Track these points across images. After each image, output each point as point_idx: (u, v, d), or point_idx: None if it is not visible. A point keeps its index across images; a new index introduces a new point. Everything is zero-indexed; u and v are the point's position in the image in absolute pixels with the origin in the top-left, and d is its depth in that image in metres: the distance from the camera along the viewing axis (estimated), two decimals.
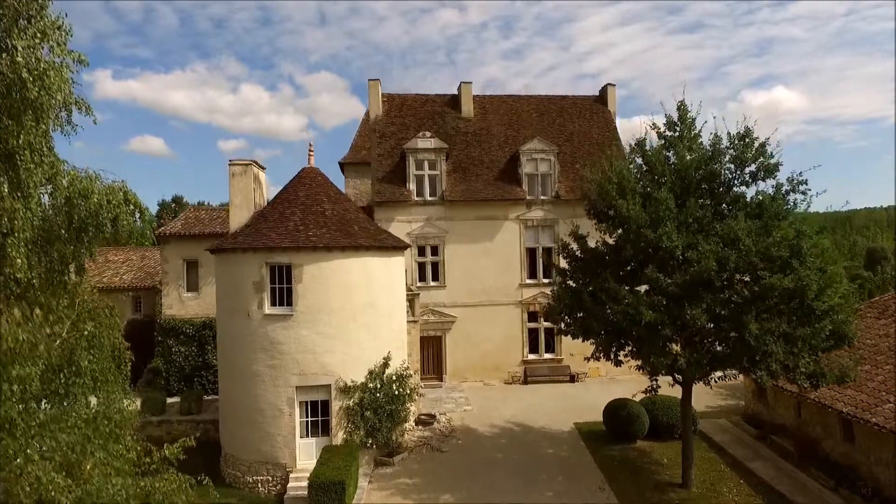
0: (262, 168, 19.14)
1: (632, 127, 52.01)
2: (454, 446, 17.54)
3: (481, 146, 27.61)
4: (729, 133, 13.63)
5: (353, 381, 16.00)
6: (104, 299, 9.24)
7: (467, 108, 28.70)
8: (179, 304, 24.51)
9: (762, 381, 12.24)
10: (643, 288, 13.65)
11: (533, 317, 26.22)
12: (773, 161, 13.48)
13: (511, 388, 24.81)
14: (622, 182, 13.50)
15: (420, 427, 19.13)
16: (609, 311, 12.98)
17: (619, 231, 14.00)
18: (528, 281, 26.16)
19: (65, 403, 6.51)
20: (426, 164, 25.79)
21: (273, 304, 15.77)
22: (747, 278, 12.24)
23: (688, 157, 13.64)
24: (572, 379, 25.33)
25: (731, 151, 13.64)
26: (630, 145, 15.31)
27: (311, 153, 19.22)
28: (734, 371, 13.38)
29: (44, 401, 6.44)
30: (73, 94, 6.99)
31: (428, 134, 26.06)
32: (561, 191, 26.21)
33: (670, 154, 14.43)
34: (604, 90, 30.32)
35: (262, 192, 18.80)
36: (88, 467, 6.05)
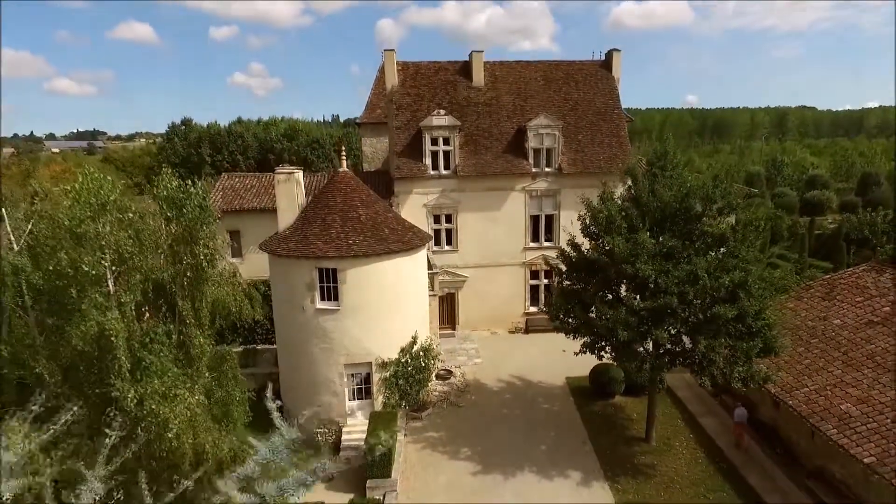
0: (301, 170, 21.76)
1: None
2: (469, 402, 21.94)
3: (491, 117, 29.61)
4: (704, 182, 16.39)
5: (388, 358, 19.96)
6: (222, 348, 12.70)
7: (478, 77, 30.29)
8: None
9: (704, 386, 16.07)
10: (623, 289, 17.14)
11: (535, 275, 29.85)
12: (736, 201, 16.33)
13: (514, 338, 29.06)
14: (610, 220, 16.42)
15: (440, 382, 23.45)
16: (594, 320, 16.54)
17: (605, 251, 17.10)
18: (532, 244, 29.47)
19: None
20: (440, 141, 28.08)
21: (322, 299, 19.30)
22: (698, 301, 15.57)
23: (667, 195, 16.42)
24: None
25: (702, 191, 16.42)
26: (623, 172, 18.05)
27: (343, 157, 21.80)
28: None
29: None
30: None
31: (442, 112, 28.06)
32: (563, 164, 28.67)
33: (655, 183, 17.19)
34: (609, 55, 31.60)
35: (302, 191, 21.52)
36: None
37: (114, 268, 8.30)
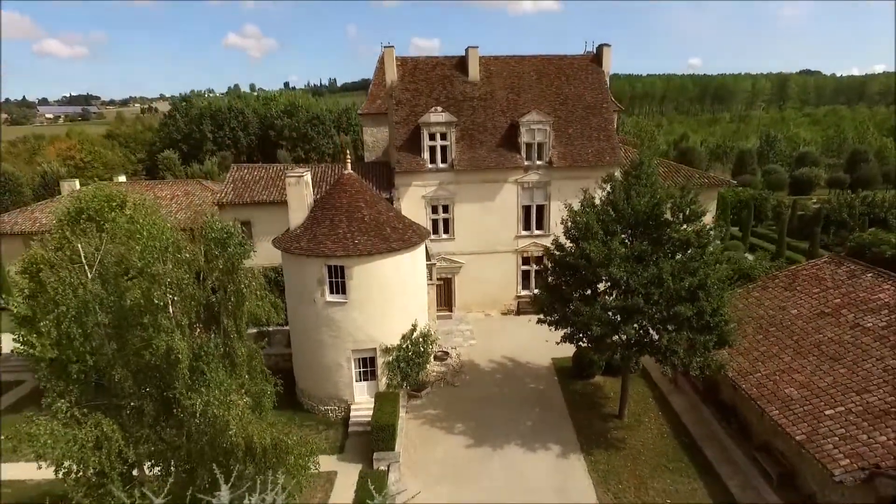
0: (308, 171, 23.61)
1: None
2: (464, 382, 24.37)
3: (486, 112, 31.22)
4: (672, 193, 18.34)
5: (391, 344, 22.26)
6: (251, 345, 14.83)
7: (473, 72, 31.78)
8: None
9: (667, 374, 18.37)
10: (601, 286, 19.29)
11: (526, 261, 32.02)
12: (701, 209, 18.34)
13: (507, 320, 31.40)
14: (588, 228, 18.42)
15: (437, 363, 25.84)
16: (571, 315, 18.76)
17: (584, 255, 19.15)
18: (523, 233, 31.53)
19: None
20: (438, 136, 29.80)
21: (331, 292, 21.46)
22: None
23: (641, 203, 18.39)
24: None
25: (672, 200, 18.39)
26: (603, 178, 20.01)
27: (348, 160, 23.63)
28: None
29: None
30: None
31: (440, 109, 29.68)
32: (553, 157, 30.45)
33: (631, 190, 19.13)
34: (599, 49, 33.01)
35: (310, 191, 23.42)
36: None
37: (175, 298, 10.39)
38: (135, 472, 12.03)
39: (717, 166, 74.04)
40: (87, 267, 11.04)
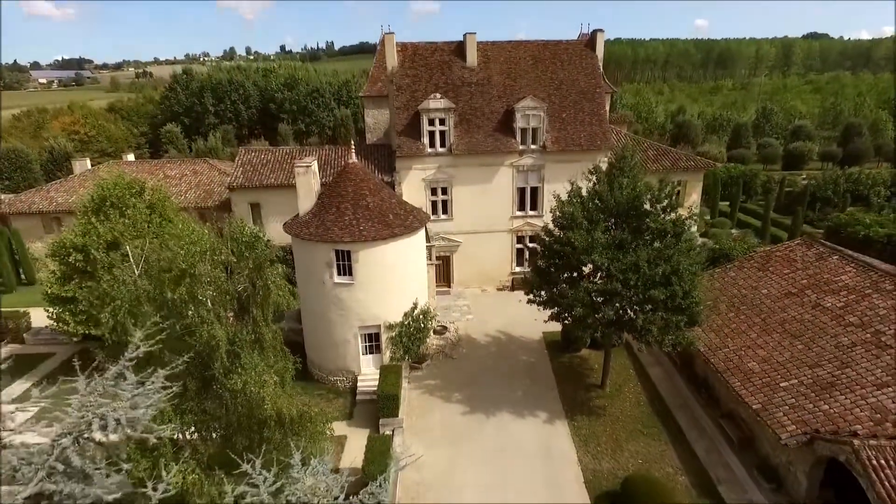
0: (315, 160, 25.18)
1: None
2: (461, 354, 26.50)
3: (483, 97, 32.50)
4: (651, 185, 20.00)
5: (394, 321, 24.27)
6: (273, 328, 16.77)
7: (471, 57, 32.91)
8: None
9: (642, 350, 20.39)
10: (586, 269, 21.16)
11: (520, 240, 33.83)
12: (675, 202, 20.03)
13: (502, 295, 33.40)
14: (573, 218, 20.15)
15: (437, 336, 27.93)
16: (557, 296, 20.68)
17: (569, 243, 20.92)
18: (518, 213, 33.23)
19: None
20: (437, 121, 31.18)
21: (339, 274, 23.33)
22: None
23: (623, 195, 20.09)
24: None
25: (651, 193, 20.08)
26: (589, 170, 21.65)
27: (352, 149, 25.15)
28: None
29: None
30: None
31: (438, 95, 30.99)
32: (547, 142, 31.90)
33: (614, 183, 20.80)
34: (593, 35, 34.05)
35: (317, 179, 25.04)
36: None
37: (213, 293, 12.24)
38: (177, 437, 14.15)
39: (713, 139, 74.98)
40: (134, 266, 12.87)
